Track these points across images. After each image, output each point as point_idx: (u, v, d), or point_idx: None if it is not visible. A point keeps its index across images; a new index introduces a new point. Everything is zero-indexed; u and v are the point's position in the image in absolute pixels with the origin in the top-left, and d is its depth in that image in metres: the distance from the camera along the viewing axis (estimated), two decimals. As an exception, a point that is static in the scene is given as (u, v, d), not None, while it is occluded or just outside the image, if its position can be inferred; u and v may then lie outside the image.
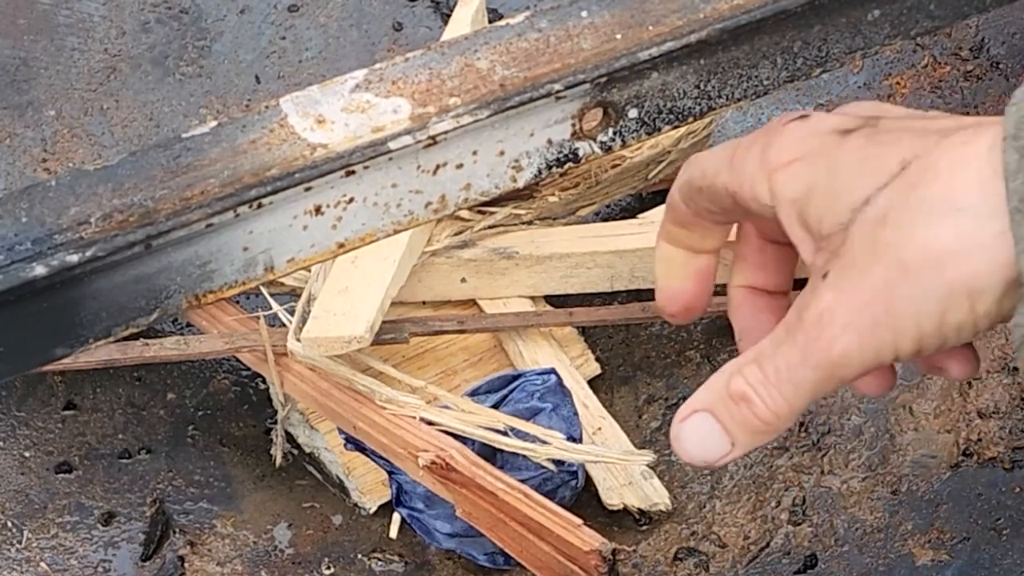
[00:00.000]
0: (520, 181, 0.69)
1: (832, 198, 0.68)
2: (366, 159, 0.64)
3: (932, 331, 0.65)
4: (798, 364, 0.70)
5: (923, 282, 0.64)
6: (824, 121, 0.70)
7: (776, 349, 0.70)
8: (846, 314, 0.67)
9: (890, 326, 0.66)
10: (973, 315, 0.64)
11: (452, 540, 0.85)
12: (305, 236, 0.65)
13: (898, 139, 0.66)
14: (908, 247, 0.64)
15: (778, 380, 0.70)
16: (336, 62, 1.10)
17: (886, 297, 0.66)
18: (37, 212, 0.61)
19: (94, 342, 0.62)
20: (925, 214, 0.64)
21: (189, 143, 0.64)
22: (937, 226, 0.63)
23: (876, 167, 0.66)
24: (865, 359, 0.67)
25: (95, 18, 1.11)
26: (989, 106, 1.04)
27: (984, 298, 0.63)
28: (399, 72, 0.67)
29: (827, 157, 0.68)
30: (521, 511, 0.78)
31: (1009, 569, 0.84)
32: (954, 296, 0.64)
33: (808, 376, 0.69)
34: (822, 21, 0.70)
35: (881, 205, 0.66)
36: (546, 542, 0.78)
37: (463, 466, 0.80)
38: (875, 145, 0.67)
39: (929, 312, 0.65)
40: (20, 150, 1.05)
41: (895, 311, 0.65)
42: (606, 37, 0.68)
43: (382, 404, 0.83)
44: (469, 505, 0.80)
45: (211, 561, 0.87)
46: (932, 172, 0.64)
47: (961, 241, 0.63)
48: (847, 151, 0.68)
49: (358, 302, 0.86)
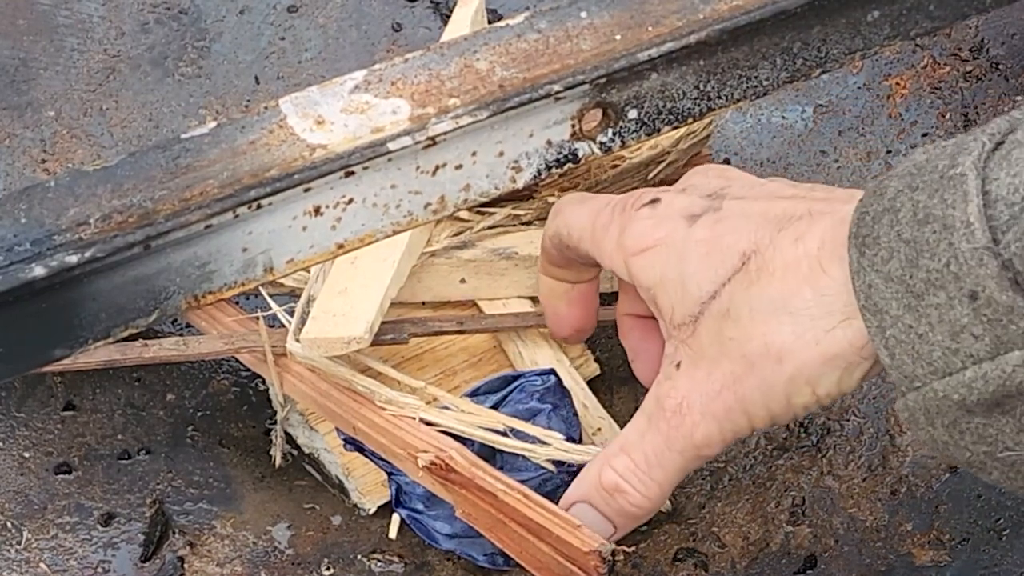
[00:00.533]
0: (519, 182, 0.69)
1: (682, 291, 0.72)
2: (365, 160, 0.64)
3: (781, 411, 0.70)
4: (664, 450, 0.75)
5: (767, 375, 0.69)
6: (672, 206, 0.75)
7: (641, 438, 0.75)
8: (702, 403, 0.72)
9: (742, 411, 0.71)
10: (816, 396, 0.70)
11: (452, 541, 0.85)
12: (304, 237, 0.65)
13: (739, 229, 0.71)
14: (750, 344, 0.69)
15: (648, 467, 0.75)
16: (335, 63, 1.10)
17: (735, 388, 0.71)
18: (36, 213, 0.61)
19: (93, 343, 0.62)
20: (763, 313, 0.69)
21: (188, 144, 0.64)
22: (775, 325, 0.68)
23: (720, 260, 0.71)
24: (725, 438, 0.72)
25: (94, 19, 1.11)
26: (989, 106, 1.04)
27: (823, 382, 0.69)
28: (398, 73, 0.67)
29: (676, 247, 0.73)
30: (520, 512, 0.78)
31: (1009, 570, 0.84)
32: (796, 383, 0.69)
33: (675, 459, 0.75)
34: (822, 22, 0.71)
35: (725, 300, 0.71)
36: (545, 543, 0.78)
37: (462, 467, 0.80)
38: (718, 237, 0.71)
39: (776, 397, 0.70)
40: (19, 151, 1.05)
41: (745, 399, 0.71)
42: (605, 38, 0.68)
43: (382, 405, 0.83)
44: (469, 506, 0.80)
45: (211, 562, 0.87)
46: (767, 272, 0.69)
47: (798, 339, 0.68)
48: (694, 242, 0.72)
49: (357, 303, 0.86)
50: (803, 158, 1.05)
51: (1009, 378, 0.60)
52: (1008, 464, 0.63)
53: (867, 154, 1.04)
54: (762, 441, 0.92)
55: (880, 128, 1.05)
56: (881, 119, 1.05)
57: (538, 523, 0.77)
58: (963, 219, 0.60)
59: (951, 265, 0.60)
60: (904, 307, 0.62)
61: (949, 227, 0.60)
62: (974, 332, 0.60)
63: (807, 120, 1.06)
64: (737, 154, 1.06)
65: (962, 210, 0.60)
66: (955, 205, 0.60)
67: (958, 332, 0.61)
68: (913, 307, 0.62)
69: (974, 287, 0.59)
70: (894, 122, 1.05)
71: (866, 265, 0.64)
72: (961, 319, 0.60)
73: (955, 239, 0.60)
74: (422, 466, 0.80)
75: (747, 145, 1.06)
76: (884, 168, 1.03)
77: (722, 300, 0.71)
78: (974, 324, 0.60)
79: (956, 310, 0.60)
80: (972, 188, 0.60)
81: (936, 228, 0.61)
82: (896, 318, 0.63)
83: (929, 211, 0.61)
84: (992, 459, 0.63)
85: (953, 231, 0.60)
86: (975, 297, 0.60)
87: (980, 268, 0.59)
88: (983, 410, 0.61)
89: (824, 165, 1.04)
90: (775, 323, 0.69)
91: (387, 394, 0.83)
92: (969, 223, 0.59)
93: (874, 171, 1.04)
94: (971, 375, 0.61)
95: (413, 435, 0.82)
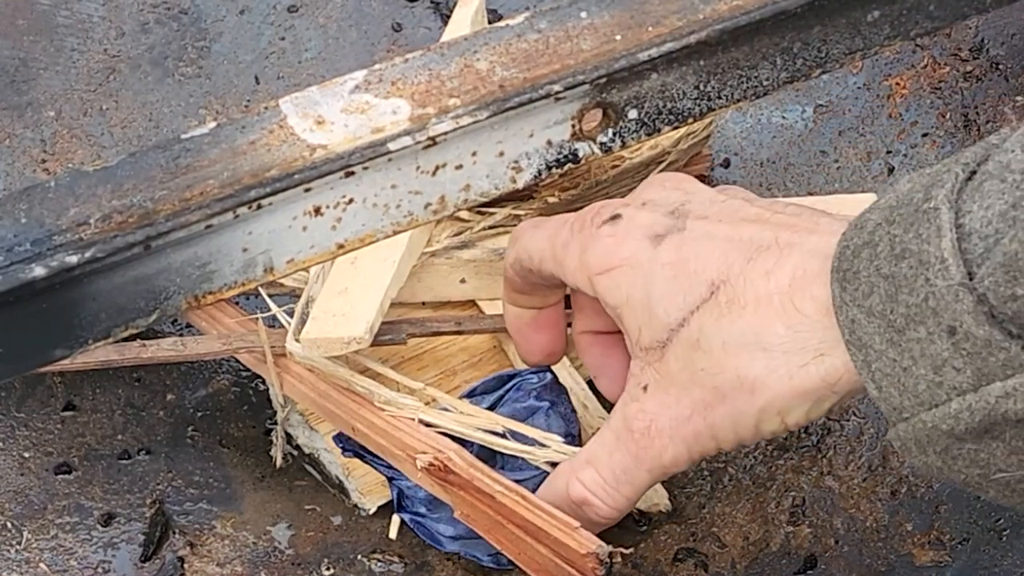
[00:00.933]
0: (520, 182, 0.69)
1: (649, 315, 0.73)
2: (365, 160, 0.64)
3: (749, 436, 0.71)
4: (632, 468, 0.76)
5: (739, 405, 0.70)
6: (633, 222, 0.75)
7: (610, 456, 0.76)
8: (671, 427, 0.73)
9: (711, 436, 0.72)
10: (784, 424, 0.70)
11: (456, 543, 0.85)
12: (305, 237, 0.65)
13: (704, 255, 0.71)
14: (722, 376, 0.70)
15: (616, 483, 0.77)
16: (336, 63, 1.10)
17: (705, 415, 0.72)
18: (36, 213, 0.61)
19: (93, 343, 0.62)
20: (736, 346, 0.69)
21: (188, 144, 0.64)
22: (748, 359, 0.69)
23: (688, 286, 0.71)
24: (693, 459, 0.74)
25: (94, 19, 1.11)
26: (988, 106, 1.04)
27: (793, 413, 0.69)
28: (398, 73, 0.67)
29: (641, 269, 0.73)
30: (518, 513, 0.78)
31: (1009, 570, 0.84)
32: (766, 413, 0.70)
33: (643, 476, 0.76)
34: (822, 22, 0.70)
35: (694, 329, 0.71)
36: (543, 544, 0.78)
37: (461, 468, 0.80)
38: (683, 261, 0.71)
39: (746, 425, 0.71)
40: (19, 151, 1.05)
41: (715, 425, 0.72)
42: (606, 38, 0.68)
43: (381, 406, 0.83)
44: (467, 507, 0.80)
45: (211, 562, 0.87)
46: (739, 305, 0.69)
47: (771, 373, 0.69)
48: (659, 265, 0.72)
49: (357, 303, 0.86)
50: (803, 158, 1.05)
51: (993, 408, 0.60)
52: (1003, 484, 0.63)
53: (867, 154, 1.04)
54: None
55: (880, 128, 1.05)
56: (881, 119, 1.05)
57: (536, 525, 0.77)
58: (937, 255, 0.60)
59: (929, 300, 0.60)
60: (887, 341, 0.62)
61: (925, 263, 0.60)
62: (955, 365, 0.60)
63: (807, 120, 1.06)
64: (737, 154, 1.06)
65: (936, 245, 0.60)
66: (929, 240, 0.60)
67: (940, 366, 0.61)
68: (896, 341, 0.62)
69: (952, 322, 0.59)
70: (894, 122, 1.05)
71: (848, 300, 0.64)
72: (942, 353, 0.60)
73: (931, 275, 0.60)
74: (420, 467, 0.80)
75: (747, 145, 1.06)
76: (884, 168, 1.03)
77: (691, 329, 0.71)
78: (954, 358, 0.60)
79: (936, 344, 0.60)
80: (945, 222, 0.60)
81: (912, 264, 0.61)
82: (880, 352, 0.63)
83: (905, 246, 0.61)
84: (987, 480, 0.63)
85: (929, 267, 0.60)
86: (953, 332, 0.60)
87: (956, 304, 0.59)
88: (973, 437, 0.61)
89: (824, 165, 1.04)
90: (747, 357, 0.69)
91: (386, 395, 0.83)
92: (943, 259, 0.59)
93: (874, 171, 1.03)
94: (956, 407, 0.61)
95: (412, 436, 0.82)
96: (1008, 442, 0.61)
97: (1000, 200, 0.59)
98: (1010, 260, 0.57)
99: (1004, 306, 0.58)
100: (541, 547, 0.78)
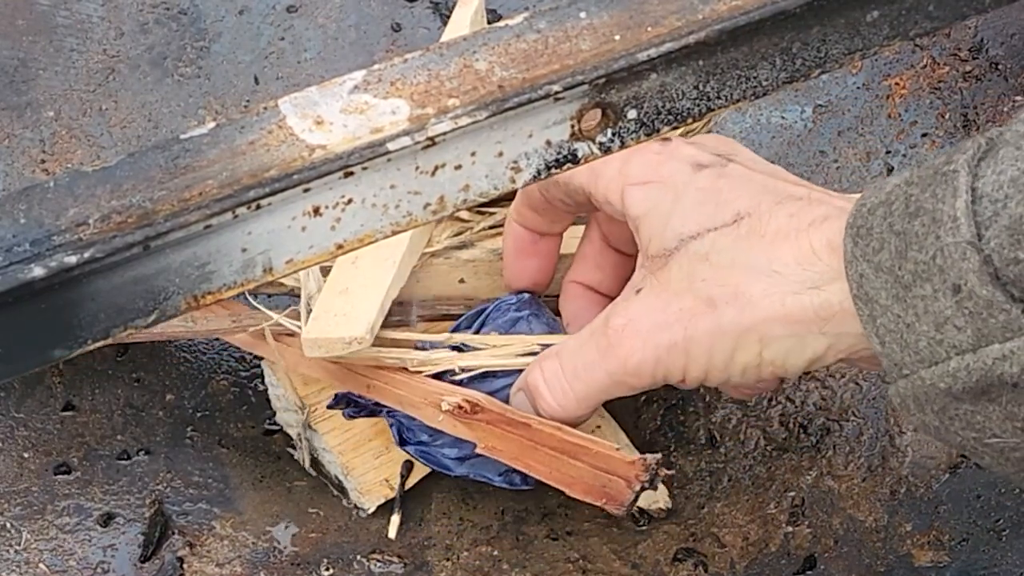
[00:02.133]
0: (519, 182, 0.69)
1: (666, 225, 0.75)
2: (365, 160, 0.64)
3: (720, 365, 0.72)
4: (595, 364, 0.76)
5: (724, 320, 0.72)
6: (680, 150, 0.77)
7: (579, 349, 0.77)
8: (649, 331, 0.74)
9: (684, 351, 0.73)
10: (759, 359, 0.72)
11: (464, 465, 0.85)
12: (304, 237, 0.65)
13: (739, 189, 0.74)
14: (720, 289, 0.72)
15: (572, 378, 0.77)
16: (335, 63, 1.10)
17: (688, 324, 0.72)
18: (35, 213, 0.61)
19: (92, 343, 0.62)
20: (743, 266, 0.72)
21: (187, 144, 0.64)
22: (751, 278, 0.71)
23: (713, 211, 0.74)
24: (656, 375, 0.74)
25: (94, 19, 1.11)
26: (988, 106, 1.04)
27: (772, 346, 0.71)
28: (398, 73, 0.67)
29: (675, 187, 0.76)
30: (555, 436, 0.79)
31: (1009, 570, 0.84)
32: (748, 337, 0.71)
33: (601, 379, 0.76)
34: (821, 22, 0.70)
35: (707, 244, 0.73)
36: (581, 461, 0.78)
37: (492, 404, 0.80)
38: (718, 190, 0.74)
39: (722, 347, 0.72)
40: (19, 151, 1.05)
41: (693, 339, 0.73)
42: (605, 38, 0.68)
43: (416, 369, 0.84)
44: (494, 439, 0.81)
45: (210, 562, 0.87)
46: (758, 234, 0.72)
47: (767, 296, 0.71)
48: (694, 188, 0.75)
49: (358, 303, 0.86)
50: (802, 158, 1.05)
51: (990, 370, 0.61)
52: (998, 450, 0.64)
53: (866, 154, 1.04)
54: (762, 441, 0.92)
55: (879, 128, 1.05)
56: (880, 119, 1.05)
57: (573, 443, 0.78)
58: (951, 214, 0.61)
59: (937, 258, 0.62)
60: (893, 297, 0.64)
61: (937, 221, 0.62)
62: (956, 324, 0.62)
63: (806, 120, 1.06)
64: (736, 154, 1.06)
65: (951, 205, 0.61)
66: (944, 200, 0.62)
67: (942, 324, 0.62)
68: (901, 297, 0.64)
69: (957, 280, 0.61)
70: (893, 122, 1.05)
71: (859, 255, 0.66)
72: (945, 311, 0.62)
73: (942, 233, 0.62)
74: (445, 410, 0.81)
75: (747, 145, 1.06)
76: (884, 168, 1.03)
77: (703, 242, 0.73)
78: (956, 317, 0.62)
79: (940, 302, 0.62)
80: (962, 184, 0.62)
81: (925, 221, 0.63)
82: (885, 307, 0.65)
83: (920, 204, 0.63)
84: (981, 444, 0.64)
85: (941, 225, 0.62)
86: (958, 290, 0.61)
87: (963, 262, 0.61)
88: (970, 398, 0.62)
89: (823, 165, 1.04)
90: (752, 277, 0.71)
91: (418, 357, 0.84)
92: (956, 218, 0.61)
93: (873, 171, 1.03)
94: (955, 365, 0.62)
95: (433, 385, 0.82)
96: (1004, 406, 0.62)
97: (1013, 166, 0.60)
98: (1015, 224, 0.59)
99: (1007, 268, 0.59)
100: (578, 463, 0.79)
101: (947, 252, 0.61)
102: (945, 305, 0.62)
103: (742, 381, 0.74)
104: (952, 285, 0.61)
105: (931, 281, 0.62)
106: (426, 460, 0.86)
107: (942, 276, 0.62)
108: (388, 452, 0.89)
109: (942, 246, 0.61)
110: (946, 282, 0.61)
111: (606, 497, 0.79)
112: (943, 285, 0.62)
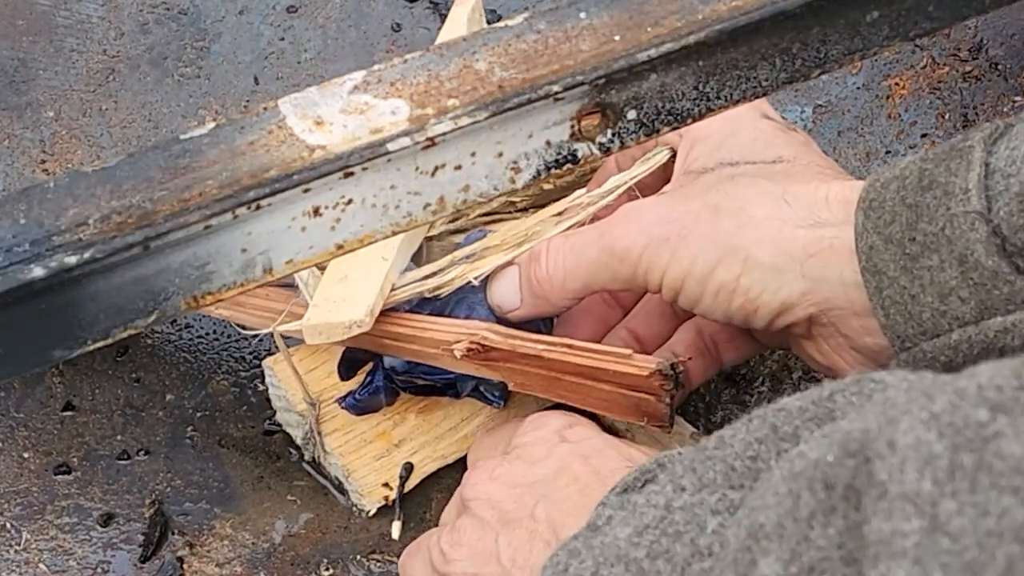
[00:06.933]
0: (519, 182, 0.69)
1: (714, 149, 0.78)
2: (364, 160, 0.64)
3: (698, 275, 0.74)
4: (591, 241, 0.78)
5: (720, 230, 0.73)
6: (759, 107, 0.80)
7: (586, 231, 0.81)
8: (649, 220, 0.76)
9: (673, 248, 0.74)
10: (735, 284, 0.73)
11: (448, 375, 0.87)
12: (304, 237, 0.65)
13: (794, 146, 0.78)
14: (730, 202, 0.74)
15: (568, 251, 0.79)
16: (335, 63, 1.10)
17: (687, 224, 0.74)
18: (35, 214, 0.61)
19: (92, 344, 0.62)
20: (761, 192, 0.74)
21: (188, 144, 0.64)
22: (761, 200, 0.73)
23: (760, 149, 0.77)
24: (638, 267, 0.75)
25: (94, 19, 1.11)
26: (988, 106, 1.04)
27: (752, 273, 0.72)
28: (398, 73, 0.67)
29: (738, 124, 0.79)
30: (569, 362, 0.79)
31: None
32: (735, 254, 0.73)
33: (590, 254, 0.78)
34: (821, 23, 0.71)
35: (740, 170, 0.76)
36: (605, 382, 0.79)
37: (499, 342, 0.81)
38: (773, 136, 0.78)
39: (707, 256, 0.73)
40: (19, 151, 1.05)
41: (684, 238, 0.74)
42: (604, 39, 0.68)
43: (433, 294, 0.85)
44: (519, 376, 0.81)
45: (210, 562, 0.87)
46: (786, 175, 0.75)
47: (768, 219, 0.73)
48: (754, 127, 0.78)
49: (357, 288, 0.86)
50: (802, 158, 1.05)
51: (992, 342, 0.62)
52: None
53: (866, 154, 1.04)
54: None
55: (879, 128, 1.05)
56: (880, 119, 1.05)
57: (590, 366, 0.78)
58: (963, 186, 0.63)
59: (946, 229, 0.63)
60: (900, 268, 0.65)
61: (949, 193, 0.63)
62: (961, 295, 0.63)
63: (806, 120, 1.06)
64: (736, 154, 1.06)
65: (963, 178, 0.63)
66: (958, 173, 0.64)
67: (947, 294, 0.63)
68: (908, 268, 0.65)
69: (964, 250, 0.62)
70: (893, 122, 1.05)
71: (869, 227, 0.67)
72: (950, 281, 0.63)
73: (952, 204, 0.63)
74: (460, 356, 0.81)
75: (746, 145, 1.06)
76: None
77: (738, 169, 0.76)
78: (961, 287, 0.63)
79: (946, 272, 0.63)
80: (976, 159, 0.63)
81: (937, 194, 0.64)
82: (893, 279, 0.66)
83: (934, 178, 0.65)
84: None
85: (952, 197, 0.63)
86: (964, 261, 0.62)
87: (971, 232, 0.62)
88: None
89: (823, 165, 1.04)
90: (764, 200, 0.73)
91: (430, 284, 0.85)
92: (967, 189, 0.63)
93: (873, 171, 1.03)
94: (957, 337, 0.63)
95: (440, 331, 0.83)
96: None
97: None
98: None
99: (1015, 236, 0.60)
100: (604, 385, 0.79)
101: (956, 223, 0.62)
102: (951, 276, 0.63)
103: (713, 305, 0.74)
104: (959, 255, 0.63)
105: (939, 252, 0.63)
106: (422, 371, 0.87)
107: (950, 247, 0.63)
108: (389, 455, 0.89)
109: (951, 216, 0.63)
110: (953, 252, 0.63)
111: (645, 415, 0.79)
112: (950, 255, 0.63)
